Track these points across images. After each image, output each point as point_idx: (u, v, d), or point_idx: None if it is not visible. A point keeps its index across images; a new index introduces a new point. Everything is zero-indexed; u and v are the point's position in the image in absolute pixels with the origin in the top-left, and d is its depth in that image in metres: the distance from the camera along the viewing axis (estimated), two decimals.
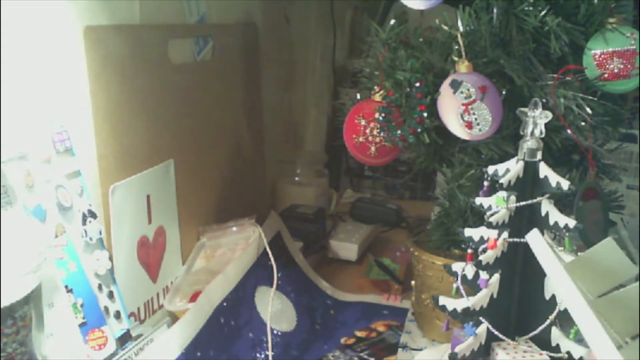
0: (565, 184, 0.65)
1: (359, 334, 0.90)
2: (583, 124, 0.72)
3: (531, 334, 0.67)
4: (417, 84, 0.73)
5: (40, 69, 0.66)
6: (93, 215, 0.71)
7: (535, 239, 0.64)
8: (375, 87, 0.78)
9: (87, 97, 0.71)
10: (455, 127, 0.71)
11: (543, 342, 0.67)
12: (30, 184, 0.63)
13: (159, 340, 0.73)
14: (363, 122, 0.76)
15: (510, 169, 0.67)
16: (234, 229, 0.94)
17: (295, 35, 1.37)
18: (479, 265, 0.66)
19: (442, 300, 0.65)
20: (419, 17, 1.18)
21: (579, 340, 0.63)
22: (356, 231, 1.18)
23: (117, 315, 0.73)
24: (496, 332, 0.65)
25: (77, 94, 0.70)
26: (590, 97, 0.72)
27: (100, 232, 0.71)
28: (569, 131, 0.71)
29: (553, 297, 0.66)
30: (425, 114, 0.72)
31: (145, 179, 0.80)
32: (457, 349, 0.62)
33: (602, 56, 0.71)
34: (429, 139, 0.74)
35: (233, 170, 1.05)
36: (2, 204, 0.59)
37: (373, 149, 0.76)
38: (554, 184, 0.66)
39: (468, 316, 0.64)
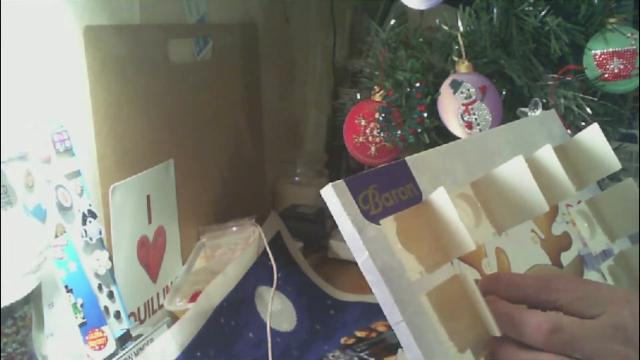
0: None
1: (359, 334, 0.90)
2: (583, 124, 0.72)
3: None
4: (417, 84, 0.73)
5: (40, 69, 0.66)
6: (93, 215, 0.71)
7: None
8: (375, 87, 0.78)
9: (87, 97, 0.71)
10: (455, 127, 0.71)
11: None
12: (30, 184, 0.63)
13: (159, 340, 0.73)
14: (363, 122, 0.76)
15: None
16: (234, 229, 0.94)
17: (295, 35, 1.37)
18: None
19: None
20: (419, 17, 1.18)
21: None
22: None
23: (117, 315, 0.73)
24: None
25: (77, 94, 0.70)
26: (590, 98, 0.72)
27: (100, 232, 0.71)
28: (569, 131, 0.71)
29: None
30: (425, 114, 0.72)
31: (145, 179, 0.80)
32: None
33: (602, 56, 0.71)
34: (429, 139, 0.74)
35: (233, 170, 1.05)
36: (2, 204, 0.59)
37: (373, 149, 0.76)
38: None
39: None
